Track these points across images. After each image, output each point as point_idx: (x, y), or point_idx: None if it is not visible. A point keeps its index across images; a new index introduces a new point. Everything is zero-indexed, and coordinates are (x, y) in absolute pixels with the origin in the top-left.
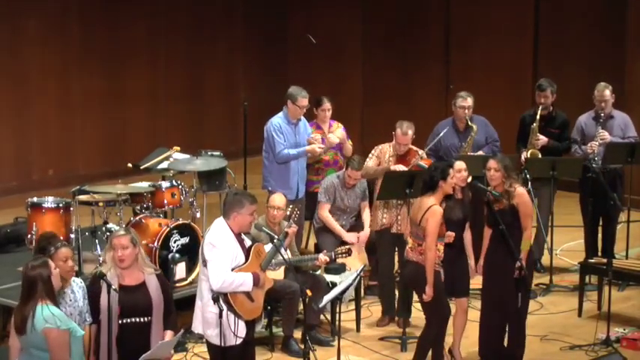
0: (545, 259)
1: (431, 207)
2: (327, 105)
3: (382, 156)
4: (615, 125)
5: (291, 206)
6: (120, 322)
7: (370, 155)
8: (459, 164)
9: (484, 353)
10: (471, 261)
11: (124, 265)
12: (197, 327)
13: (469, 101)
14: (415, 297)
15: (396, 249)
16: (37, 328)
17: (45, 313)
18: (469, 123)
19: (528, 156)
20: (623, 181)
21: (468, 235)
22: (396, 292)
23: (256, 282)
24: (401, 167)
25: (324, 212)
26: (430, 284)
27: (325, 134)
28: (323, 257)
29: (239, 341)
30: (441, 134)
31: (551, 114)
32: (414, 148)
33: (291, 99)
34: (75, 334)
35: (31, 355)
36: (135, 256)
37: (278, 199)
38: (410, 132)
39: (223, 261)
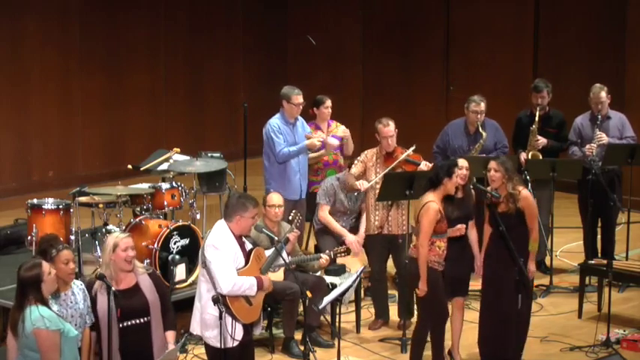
0: (545, 261)
1: (426, 204)
2: (328, 103)
3: (368, 160)
4: (612, 126)
5: (294, 211)
6: (120, 325)
7: (355, 162)
8: (461, 162)
9: (483, 354)
10: (478, 261)
11: (130, 266)
12: (195, 328)
13: (482, 106)
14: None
15: (389, 251)
16: (27, 330)
17: (34, 315)
18: (480, 129)
19: (529, 157)
20: (621, 182)
21: (473, 234)
22: (395, 294)
23: (260, 286)
24: (364, 183)
25: (324, 213)
26: (423, 280)
27: (324, 133)
28: (325, 257)
29: (236, 344)
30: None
31: (547, 114)
32: (400, 147)
33: (286, 98)
34: (67, 334)
35: (25, 356)
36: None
37: (276, 197)
38: (391, 123)
39: (229, 263)
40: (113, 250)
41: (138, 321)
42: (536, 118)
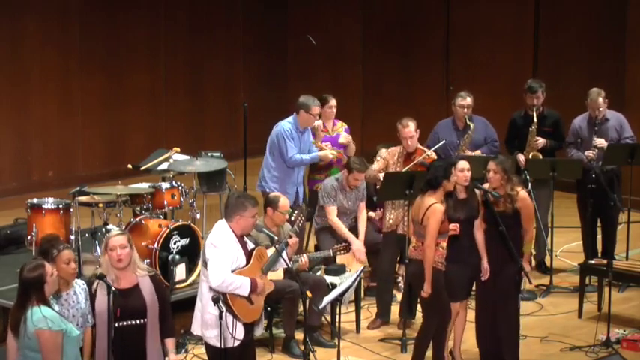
0: (545, 260)
1: (432, 205)
2: (332, 102)
3: (390, 158)
4: (610, 127)
5: (295, 212)
6: (115, 324)
7: (378, 158)
8: (462, 164)
9: (482, 354)
10: (484, 261)
11: (121, 264)
12: (196, 329)
13: (468, 100)
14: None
15: (402, 250)
16: (29, 331)
17: (36, 316)
18: (467, 122)
19: (530, 158)
20: (620, 182)
21: (479, 235)
22: (397, 295)
23: (253, 289)
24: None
25: (334, 217)
26: (428, 281)
27: (329, 132)
28: (304, 259)
29: (237, 343)
30: (442, 143)
31: (542, 113)
32: (422, 148)
33: (305, 108)
34: (70, 334)
35: (25, 357)
36: (130, 257)
37: (287, 202)
38: (411, 124)
39: (224, 260)
40: (105, 248)
41: (133, 322)
42: (535, 119)
